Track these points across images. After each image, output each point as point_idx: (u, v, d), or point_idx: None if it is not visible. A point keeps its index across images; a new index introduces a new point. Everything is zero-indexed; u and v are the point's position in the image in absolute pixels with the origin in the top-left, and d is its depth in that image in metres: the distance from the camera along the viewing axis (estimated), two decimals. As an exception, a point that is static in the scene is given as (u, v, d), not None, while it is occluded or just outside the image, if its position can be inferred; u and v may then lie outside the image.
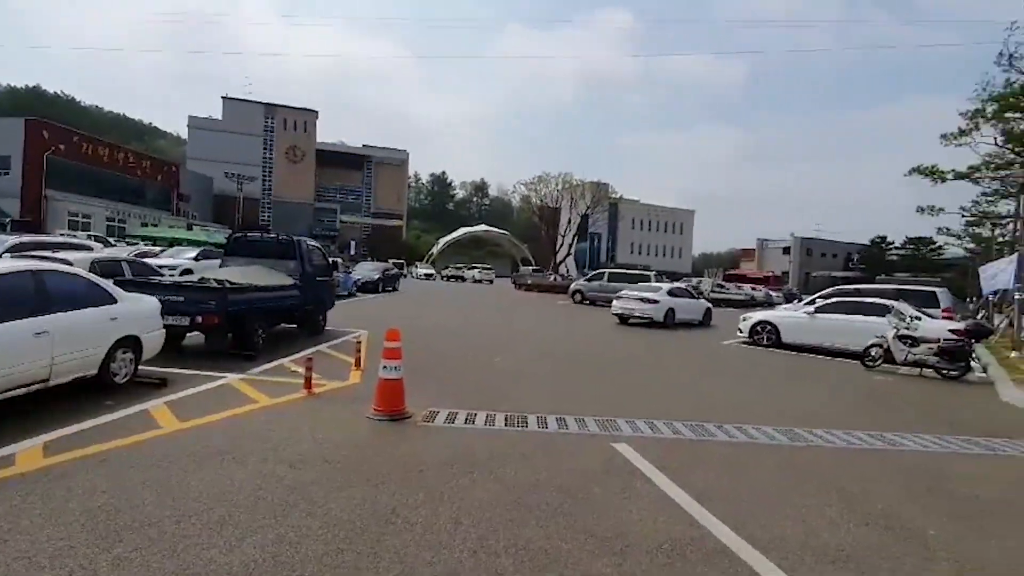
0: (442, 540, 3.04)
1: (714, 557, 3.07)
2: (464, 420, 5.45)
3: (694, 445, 5.23)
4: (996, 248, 29.43)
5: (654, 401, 7.04)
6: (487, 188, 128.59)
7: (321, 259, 11.31)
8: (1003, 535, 3.65)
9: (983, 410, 7.99)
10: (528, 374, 8.42)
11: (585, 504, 3.66)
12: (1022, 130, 11.95)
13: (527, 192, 53.81)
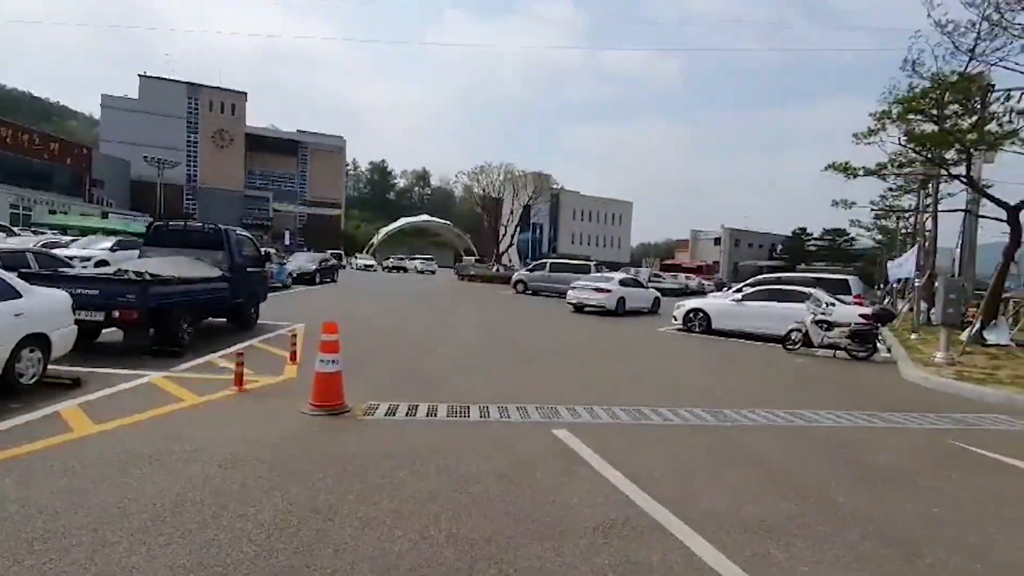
0: (382, 534, 3.01)
1: (648, 533, 3.21)
2: (405, 412, 5.39)
3: (630, 428, 5.43)
4: (900, 239, 32.20)
5: (593, 387, 7.23)
6: (429, 177, 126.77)
7: (252, 249, 10.79)
8: (902, 499, 4.03)
9: (886, 387, 8.74)
10: (471, 364, 8.43)
11: (526, 490, 3.72)
12: (922, 131, 13.09)
13: (469, 182, 53.54)
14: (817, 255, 67.00)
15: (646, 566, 2.85)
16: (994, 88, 14.38)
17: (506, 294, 26.94)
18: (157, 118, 64.29)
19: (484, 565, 2.75)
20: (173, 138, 65.39)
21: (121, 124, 62.81)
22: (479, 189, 52.95)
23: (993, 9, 13.56)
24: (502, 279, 34.52)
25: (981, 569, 3.06)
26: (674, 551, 3.03)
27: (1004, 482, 4.62)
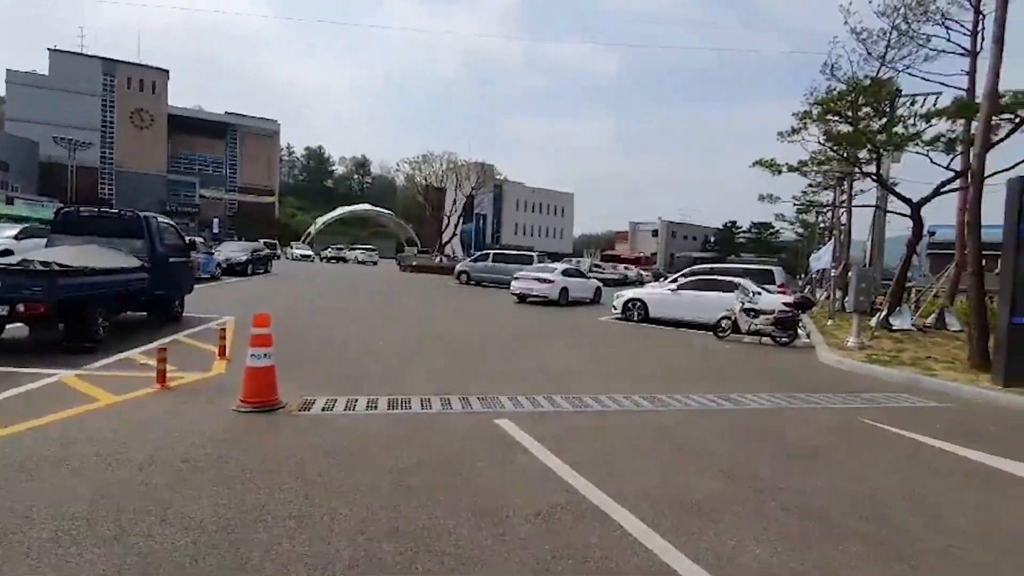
0: (318, 532, 2.92)
1: (587, 517, 3.29)
2: (344, 407, 5.25)
3: (571, 416, 5.54)
4: (819, 232, 34.50)
5: (536, 377, 7.32)
6: (369, 165, 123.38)
7: (175, 238, 10.13)
8: (818, 474, 4.33)
9: (806, 370, 9.37)
10: (413, 356, 8.33)
11: (467, 481, 3.72)
12: (839, 131, 14.07)
13: (411, 171, 52.56)
14: (746, 247, 70.70)
15: (585, 548, 2.92)
16: (901, 93, 15.64)
17: (449, 285, 26.75)
18: (69, 96, 59.08)
19: (425, 558, 2.73)
20: (87, 118, 60.35)
21: (29, 102, 57.32)
22: (421, 178, 52.15)
23: (901, 19, 14.70)
24: (446, 270, 34.24)
25: (886, 534, 3.34)
26: (611, 532, 3.12)
27: (906, 455, 5.05)
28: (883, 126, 14.07)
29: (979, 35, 14.47)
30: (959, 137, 13.19)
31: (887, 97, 14.58)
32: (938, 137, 13.17)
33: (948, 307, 15.28)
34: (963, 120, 13.24)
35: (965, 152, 12.78)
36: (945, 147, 13.10)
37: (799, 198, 29.15)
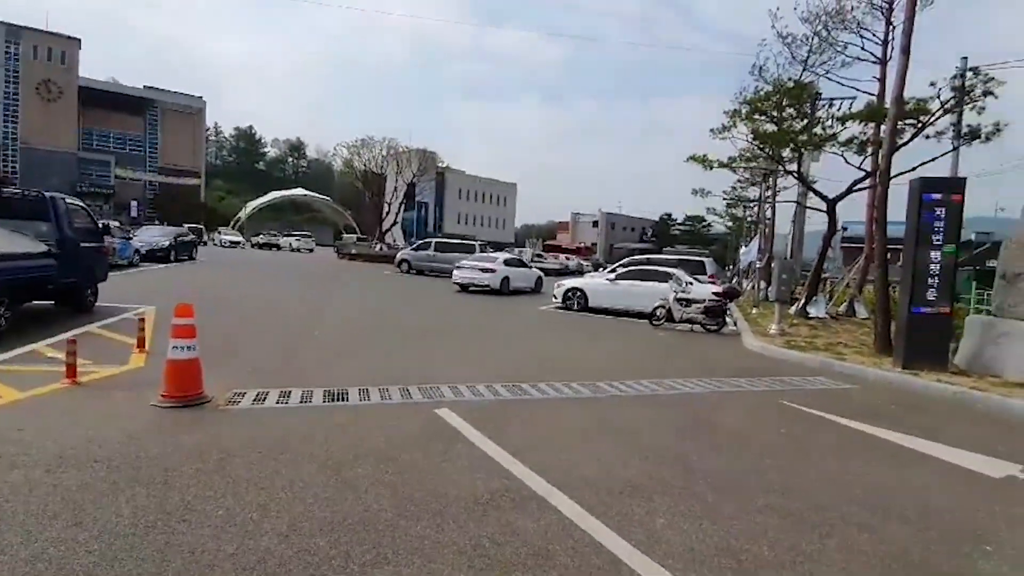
0: (247, 530, 2.81)
1: (526, 503, 3.35)
2: (276, 400, 5.06)
3: (511, 404, 5.60)
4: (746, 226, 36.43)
5: (477, 365, 7.34)
6: (304, 148, 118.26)
7: (87, 221, 9.37)
8: (741, 453, 4.61)
9: (732, 356, 9.91)
10: (351, 347, 8.13)
11: (406, 471, 3.69)
12: (765, 130, 14.88)
13: (349, 155, 50.79)
14: (681, 239, 73.57)
15: (523, 533, 2.97)
16: (821, 96, 16.68)
17: (390, 274, 26.25)
18: (-39, 62, 52.72)
19: (361, 551, 2.70)
20: (-18, 87, 54.16)
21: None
22: (360, 164, 50.53)
23: (822, 26, 15.65)
24: (386, 258, 33.56)
25: (803, 507, 3.60)
26: (549, 517, 3.19)
27: (820, 433, 5.46)
28: (804, 127, 15.00)
29: (889, 45, 15.65)
30: (869, 139, 14.27)
31: (808, 99, 15.54)
32: (852, 139, 14.21)
33: (857, 297, 16.59)
34: (873, 123, 14.32)
35: (875, 153, 13.83)
36: (857, 148, 14.14)
37: (729, 193, 30.69)
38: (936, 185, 8.46)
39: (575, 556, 2.79)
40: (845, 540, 3.19)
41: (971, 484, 4.30)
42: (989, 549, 3.23)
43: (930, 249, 8.31)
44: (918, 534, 3.34)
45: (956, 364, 8.47)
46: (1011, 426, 6.21)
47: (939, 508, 3.77)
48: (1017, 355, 7.73)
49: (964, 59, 13.18)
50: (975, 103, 11.87)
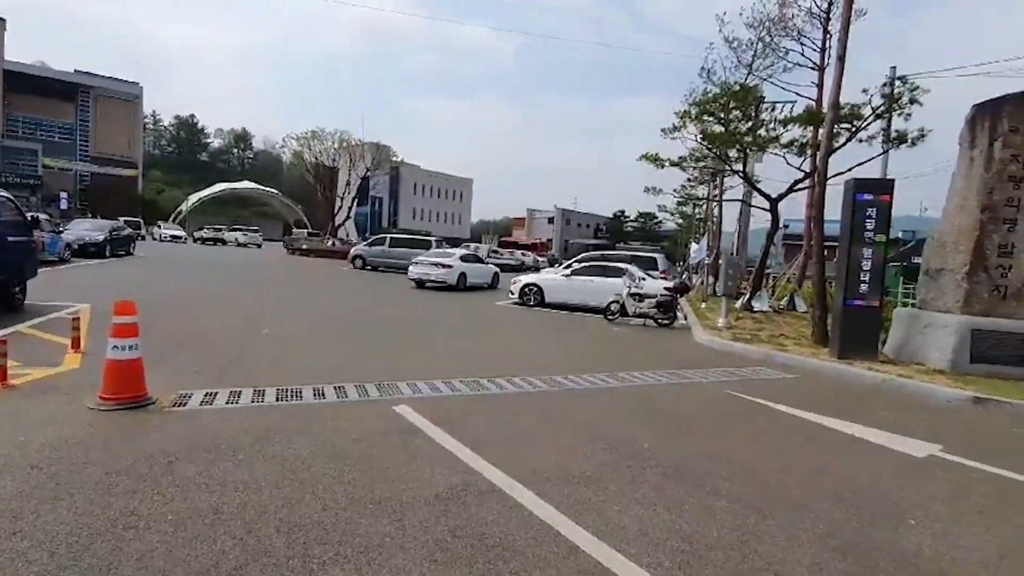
0: (200, 533, 2.74)
1: (486, 496, 3.39)
2: (226, 400, 4.91)
3: (470, 399, 5.63)
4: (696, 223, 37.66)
5: (435, 362, 7.32)
6: (251, 139, 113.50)
7: (15, 213, 8.74)
8: (691, 441, 4.81)
9: (683, 349, 10.27)
10: (305, 344, 7.94)
11: (365, 469, 3.67)
12: (712, 131, 15.46)
13: (299, 148, 49.10)
14: (634, 235, 75.22)
15: (484, 525, 3.02)
16: (764, 100, 17.42)
17: (343, 270, 25.70)
18: None
19: (320, 550, 2.67)
20: None
21: None
22: (311, 156, 48.96)
23: (766, 32, 16.33)
24: (339, 254, 32.79)
25: (748, 491, 3.79)
26: (509, 508, 3.25)
27: (762, 420, 5.76)
28: (749, 129, 15.66)
29: (826, 52, 16.53)
30: (809, 142, 15.04)
31: (753, 103, 16.21)
32: (792, 141, 14.95)
33: (797, 291, 17.48)
34: (812, 127, 15.10)
35: (813, 155, 14.59)
36: (798, 150, 14.89)
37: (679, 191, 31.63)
38: (868, 186, 9.03)
39: (535, 545, 2.86)
40: (785, 519, 3.40)
41: (896, 463, 4.64)
42: (913, 522, 3.51)
43: (862, 246, 8.86)
44: (850, 511, 3.59)
45: (885, 353, 9.08)
46: (932, 410, 6.72)
47: (869, 487, 4.06)
48: (938, 345, 8.37)
49: (893, 68, 14.10)
50: (902, 110, 12.72)
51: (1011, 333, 7.98)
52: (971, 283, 8.21)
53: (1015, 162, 8.11)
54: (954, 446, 5.09)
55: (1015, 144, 8.10)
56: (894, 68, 14.02)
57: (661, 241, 66.28)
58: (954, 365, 8.02)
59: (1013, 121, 8.13)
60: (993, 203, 8.16)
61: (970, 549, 3.21)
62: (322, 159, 48.87)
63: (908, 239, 30.94)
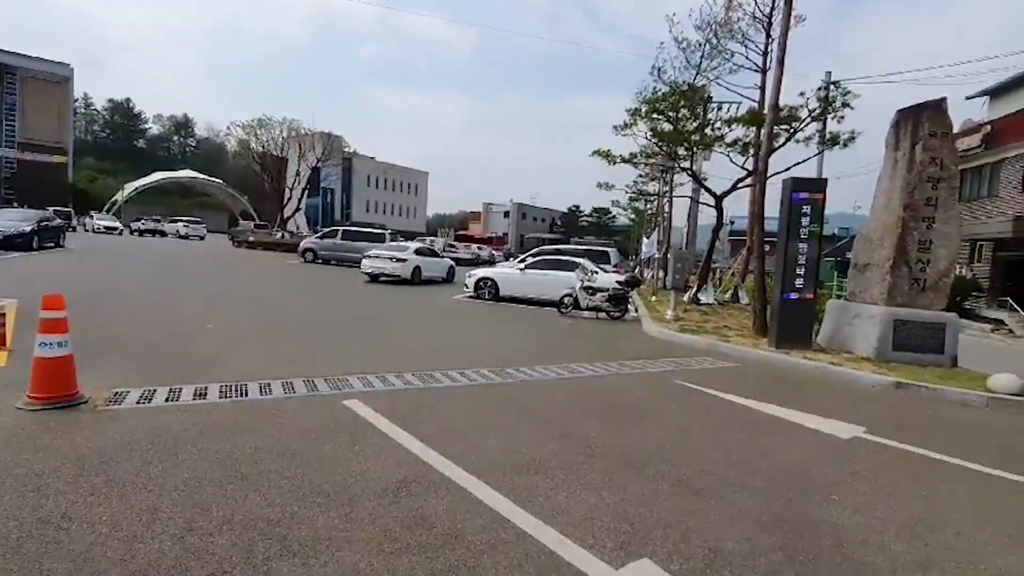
0: (136, 533, 2.66)
1: (436, 487, 3.42)
2: (165, 398, 4.73)
3: (422, 392, 5.63)
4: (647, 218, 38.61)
5: (388, 356, 7.26)
6: (192, 126, 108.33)
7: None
8: (637, 429, 4.99)
9: (633, 340, 10.56)
10: (251, 339, 7.71)
11: (313, 464, 3.63)
12: (662, 129, 15.89)
13: (245, 136, 47.20)
14: (588, 230, 76.43)
15: (433, 516, 3.05)
16: (712, 100, 18.03)
17: (292, 263, 24.97)
18: None
19: (264, 545, 2.64)
20: None
21: None
22: (258, 145, 47.17)
23: (713, 34, 16.87)
24: (288, 246, 31.83)
25: (689, 473, 3.98)
26: (458, 498, 3.30)
27: (704, 407, 6.02)
28: (696, 128, 16.18)
29: (768, 55, 17.20)
30: (751, 142, 15.69)
31: (700, 102, 16.75)
32: (736, 140, 15.56)
33: (741, 285, 18.26)
34: (754, 127, 15.75)
35: (755, 154, 15.24)
36: (741, 149, 15.51)
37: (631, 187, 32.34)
38: (803, 185, 9.53)
39: (483, 533, 2.92)
40: (721, 499, 3.60)
41: (824, 444, 4.97)
42: (836, 498, 3.78)
43: (798, 242, 9.35)
44: (780, 490, 3.84)
45: (819, 343, 9.64)
46: (859, 394, 7.21)
47: (798, 466, 4.34)
48: (865, 334, 8.95)
49: (828, 73, 14.91)
50: (836, 113, 13.45)
51: (928, 323, 8.63)
52: (894, 276, 8.82)
53: (934, 164, 8.75)
54: (876, 428, 5.49)
55: (933, 147, 8.73)
56: (829, 73, 14.83)
57: (615, 236, 67.61)
58: (879, 353, 8.61)
59: (932, 126, 8.76)
60: (914, 202, 8.78)
61: (885, 520, 3.49)
62: (270, 148, 47.16)
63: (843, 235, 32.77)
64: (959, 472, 4.52)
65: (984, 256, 23.71)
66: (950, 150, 8.93)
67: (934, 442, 5.18)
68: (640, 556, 2.83)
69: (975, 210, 24.23)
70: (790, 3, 10.32)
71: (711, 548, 2.96)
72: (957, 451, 4.94)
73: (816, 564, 2.89)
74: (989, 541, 3.33)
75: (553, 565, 2.68)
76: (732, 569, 2.78)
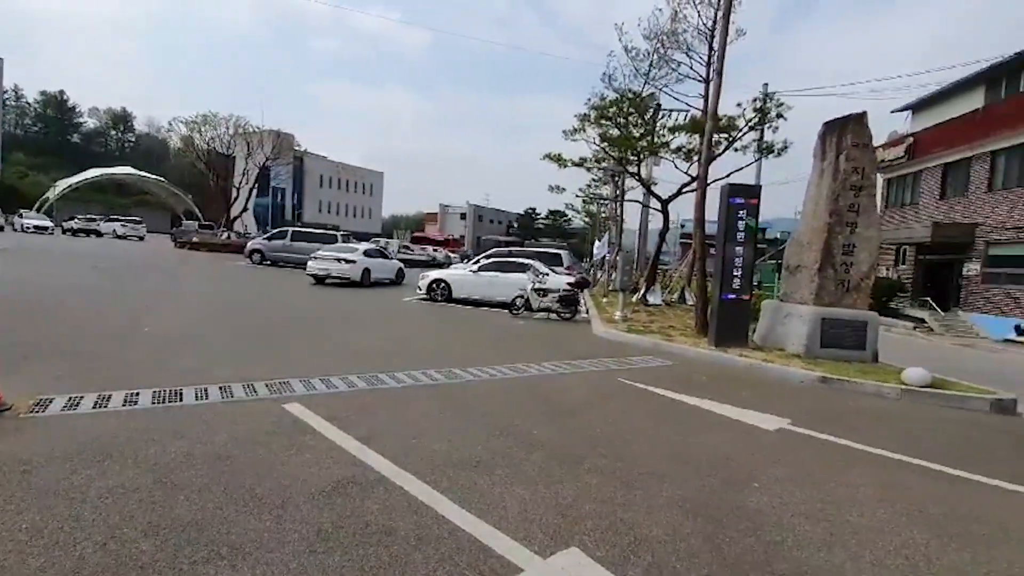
0: (58, 541, 2.59)
1: (373, 487, 3.46)
2: (93, 404, 4.56)
3: (366, 394, 5.62)
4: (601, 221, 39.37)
5: (333, 359, 7.18)
6: (132, 120, 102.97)
7: None
8: (578, 425, 5.15)
9: (581, 341, 10.81)
10: (189, 343, 7.47)
11: (246, 468, 3.60)
12: (611, 135, 16.31)
13: (189, 132, 45.27)
14: (544, 232, 77.21)
15: (367, 515, 3.09)
16: (660, 107, 18.63)
17: (239, 264, 24.18)
18: None
19: (191, 550, 2.62)
20: None
21: None
22: (202, 142, 45.35)
23: (660, 44, 17.44)
24: (235, 247, 30.78)
25: (619, 465, 4.17)
26: (395, 497, 3.35)
27: (644, 403, 6.27)
28: (643, 134, 16.69)
29: (711, 66, 17.92)
30: (694, 149, 16.32)
31: (647, 110, 17.29)
32: (680, 148, 16.13)
33: (687, 286, 18.93)
34: (697, 134, 16.40)
35: (699, 161, 15.84)
36: (685, 156, 16.10)
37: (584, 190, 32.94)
38: (739, 191, 10.02)
39: (417, 530, 2.99)
40: (650, 489, 3.79)
41: (751, 436, 5.28)
42: (757, 485, 4.04)
43: (735, 245, 9.82)
44: (706, 479, 4.07)
45: (755, 341, 10.14)
46: (788, 389, 7.65)
47: (725, 457, 4.60)
48: (796, 332, 9.49)
49: (765, 85, 15.70)
50: (771, 123, 14.18)
51: (851, 321, 9.24)
52: (821, 278, 9.40)
53: (856, 173, 9.37)
54: (801, 420, 5.87)
55: (856, 157, 9.36)
56: (766, 85, 15.61)
57: (570, 238, 68.56)
58: (808, 350, 9.15)
59: (855, 137, 9.39)
60: (839, 208, 9.38)
61: (800, 503, 3.77)
62: (215, 146, 45.41)
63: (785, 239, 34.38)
64: (869, 458, 4.89)
65: (908, 259, 25.44)
66: (870, 160, 9.59)
67: (850, 432, 5.58)
68: (569, 545, 2.96)
69: (899, 216, 25.97)
70: (727, 18, 10.84)
71: (636, 536, 3.13)
72: (870, 440, 5.35)
73: (731, 545, 3.10)
74: (889, 520, 3.65)
75: (484, 557, 2.78)
76: (654, 554, 2.96)
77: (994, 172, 20.75)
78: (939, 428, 6.30)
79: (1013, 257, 19.54)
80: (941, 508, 3.90)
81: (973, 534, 3.53)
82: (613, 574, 2.73)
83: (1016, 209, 19.33)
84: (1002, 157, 20.44)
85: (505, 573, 2.66)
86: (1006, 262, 19.88)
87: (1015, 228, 19.21)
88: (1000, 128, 20.04)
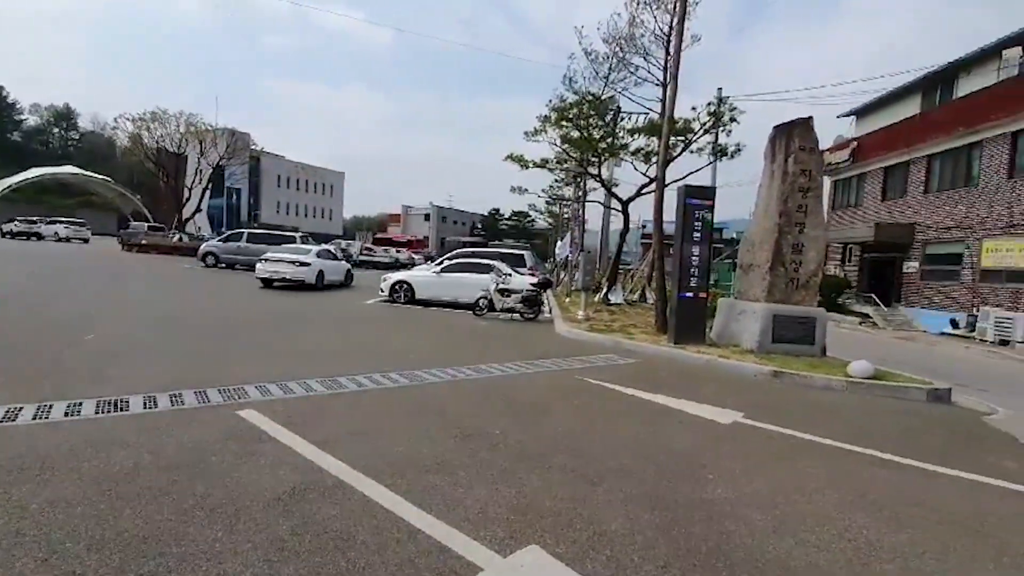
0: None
1: (331, 493, 3.40)
2: (32, 415, 4.33)
3: (324, 398, 5.52)
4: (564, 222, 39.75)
5: (289, 363, 7.01)
6: (75, 118, 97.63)
7: None
8: (540, 424, 5.20)
9: (544, 340, 10.90)
10: (136, 350, 7.16)
11: (198, 478, 3.48)
12: (572, 136, 16.52)
13: (137, 130, 43.37)
14: (508, 233, 77.30)
15: (325, 521, 3.04)
16: (620, 110, 18.96)
17: (191, 267, 23.31)
18: None
19: (138, 563, 2.53)
20: None
21: None
22: (152, 140, 43.53)
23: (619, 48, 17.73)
24: (187, 250, 29.64)
25: (582, 463, 4.22)
26: (353, 502, 3.30)
27: (604, 400, 6.37)
28: (603, 136, 16.96)
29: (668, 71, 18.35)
30: (653, 151, 16.69)
31: (607, 112, 17.58)
32: (639, 150, 16.47)
33: (648, 285, 19.33)
34: (655, 137, 16.78)
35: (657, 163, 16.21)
36: (644, 158, 16.44)
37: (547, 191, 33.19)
38: (695, 193, 10.31)
39: (375, 534, 2.96)
40: (611, 485, 3.86)
41: (707, 430, 5.44)
42: (711, 477, 4.17)
43: (692, 244, 10.10)
44: (664, 472, 4.17)
45: (711, 338, 10.45)
46: (742, 383, 7.92)
47: (681, 450, 4.73)
48: (749, 329, 9.83)
49: (719, 89, 16.22)
50: (725, 126, 14.64)
51: (800, 317, 9.64)
52: (772, 276, 9.76)
53: (804, 175, 9.78)
54: (753, 413, 6.08)
55: (803, 160, 9.77)
56: (720, 89, 16.14)
57: (534, 239, 68.89)
58: (760, 345, 9.49)
59: (802, 141, 9.79)
60: (788, 209, 9.77)
61: (752, 493, 3.91)
62: (165, 144, 43.64)
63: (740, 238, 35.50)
64: (818, 448, 5.12)
65: (854, 257, 26.69)
66: (817, 162, 10.03)
67: (800, 423, 5.82)
68: (528, 543, 2.99)
69: (846, 217, 27.22)
70: (682, 24, 11.14)
71: (595, 531, 3.18)
72: (818, 430, 5.60)
73: (686, 536, 3.20)
74: (836, 505, 3.82)
75: (444, 559, 2.77)
76: (612, 547, 3.01)
77: (930, 175, 22.02)
78: (881, 417, 6.64)
79: (948, 255, 20.78)
80: (883, 493, 4.12)
81: (912, 516, 3.74)
82: (572, 569, 2.77)
83: (949, 209, 20.55)
84: (937, 161, 21.71)
85: (465, 573, 2.67)
86: (942, 260, 21.12)
87: (949, 228, 20.41)
88: (935, 133, 21.27)
